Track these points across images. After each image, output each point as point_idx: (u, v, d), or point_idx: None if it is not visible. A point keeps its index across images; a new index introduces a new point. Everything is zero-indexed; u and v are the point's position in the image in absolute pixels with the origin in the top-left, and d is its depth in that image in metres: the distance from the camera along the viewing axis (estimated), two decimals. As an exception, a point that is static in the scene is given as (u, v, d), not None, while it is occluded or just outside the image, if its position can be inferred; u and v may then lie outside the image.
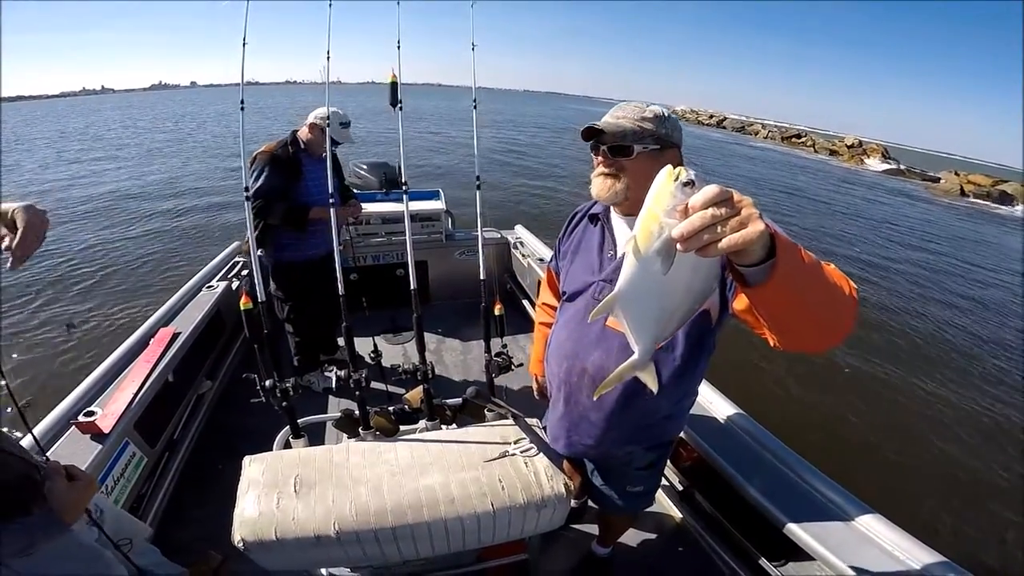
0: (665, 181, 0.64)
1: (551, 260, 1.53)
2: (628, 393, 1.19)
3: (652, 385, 0.87)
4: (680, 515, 2.07)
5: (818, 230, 11.32)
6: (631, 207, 1.14)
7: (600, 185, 1.11)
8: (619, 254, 1.14)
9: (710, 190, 0.58)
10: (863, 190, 21.23)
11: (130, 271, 6.73)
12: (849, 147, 37.14)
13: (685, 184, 0.61)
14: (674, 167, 0.64)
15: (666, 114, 1.10)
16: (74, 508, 1.09)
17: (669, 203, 0.63)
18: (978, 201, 23.19)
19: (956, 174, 27.46)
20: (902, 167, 31.58)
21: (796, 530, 1.45)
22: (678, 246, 0.60)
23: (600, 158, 1.11)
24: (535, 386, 1.68)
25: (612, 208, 1.20)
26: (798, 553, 1.50)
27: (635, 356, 0.82)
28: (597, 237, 1.23)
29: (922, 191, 24.51)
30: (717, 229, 0.58)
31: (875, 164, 33.34)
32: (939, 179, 27.50)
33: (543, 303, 1.62)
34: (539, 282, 3.28)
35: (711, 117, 66.58)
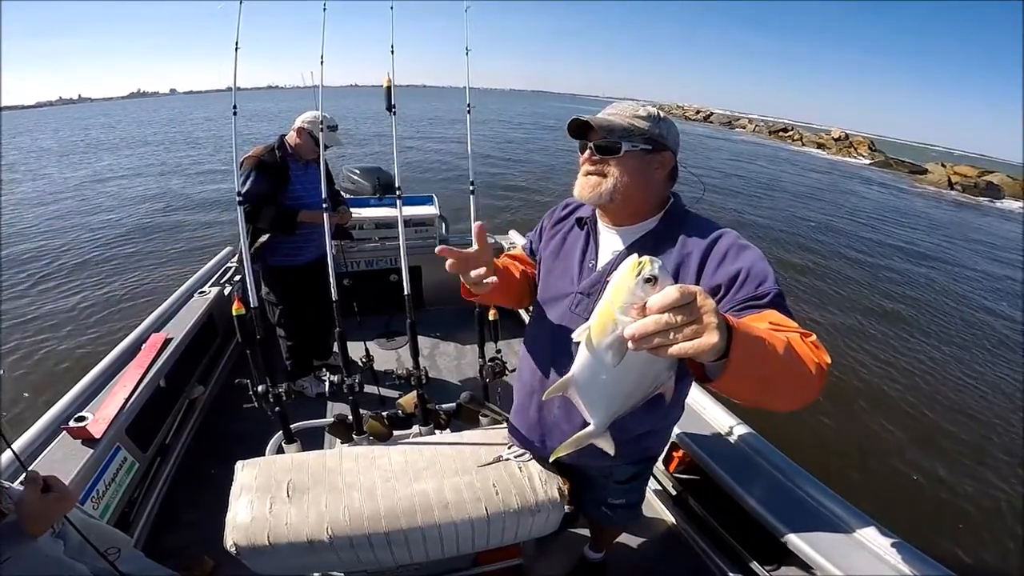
0: (627, 274, 0.62)
1: (529, 235, 1.39)
2: None
3: (609, 450, 0.88)
4: (673, 520, 2.08)
5: (806, 225, 11.37)
6: (617, 215, 1.10)
7: (583, 184, 1.04)
8: (600, 265, 1.11)
9: (669, 294, 0.57)
10: (852, 182, 21.40)
11: (122, 276, 6.68)
12: (836, 140, 37.28)
13: (647, 280, 0.60)
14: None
15: (661, 115, 1.03)
16: (41, 520, 1.07)
17: (627, 299, 0.62)
18: (966, 194, 23.16)
19: (943, 165, 27.46)
20: (889, 159, 31.50)
21: (790, 535, 1.46)
22: (629, 344, 0.59)
23: (586, 155, 1.04)
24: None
25: (599, 216, 1.15)
26: (791, 558, 1.51)
27: (591, 428, 0.83)
28: (580, 244, 1.17)
29: (911, 183, 24.63)
30: (670, 335, 0.57)
31: (862, 156, 33.34)
32: (926, 170, 27.48)
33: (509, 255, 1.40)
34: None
35: (697, 112, 67.26)
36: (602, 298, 0.67)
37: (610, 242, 1.12)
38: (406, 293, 1.90)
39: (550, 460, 1.01)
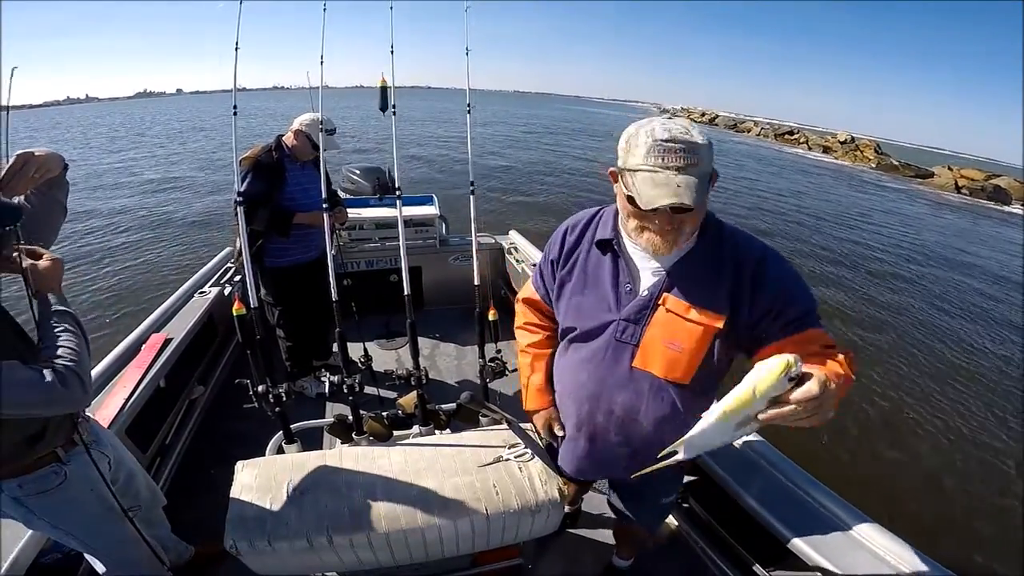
0: (777, 370, 0.72)
1: (536, 280, 1.35)
2: (657, 421, 1.13)
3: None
4: (675, 522, 2.07)
5: (818, 236, 11.31)
6: None
7: (660, 244, 0.98)
8: (643, 289, 1.07)
9: (811, 391, 0.71)
10: (860, 187, 21.26)
11: (122, 276, 6.68)
12: (842, 143, 36.33)
13: (791, 379, 0.72)
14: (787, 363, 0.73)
15: (710, 140, 0.93)
16: (53, 279, 1.13)
17: (771, 391, 0.72)
18: (973, 198, 22.88)
19: (949, 169, 26.96)
20: (895, 162, 30.63)
21: (790, 537, 1.45)
22: (759, 420, 0.73)
23: (664, 218, 0.95)
24: (539, 423, 1.37)
25: (626, 237, 1.09)
26: (793, 560, 1.50)
27: (681, 457, 0.91)
28: (609, 268, 1.11)
29: (918, 187, 24.46)
30: (797, 416, 0.71)
31: (868, 159, 32.51)
32: (932, 174, 27.05)
33: (528, 323, 1.41)
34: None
35: (703, 115, 67.12)
36: (744, 383, 0.76)
37: (647, 264, 1.08)
38: (406, 293, 1.90)
39: (632, 477, 1.06)
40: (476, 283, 2.07)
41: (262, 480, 1.34)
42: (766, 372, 0.73)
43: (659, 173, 0.89)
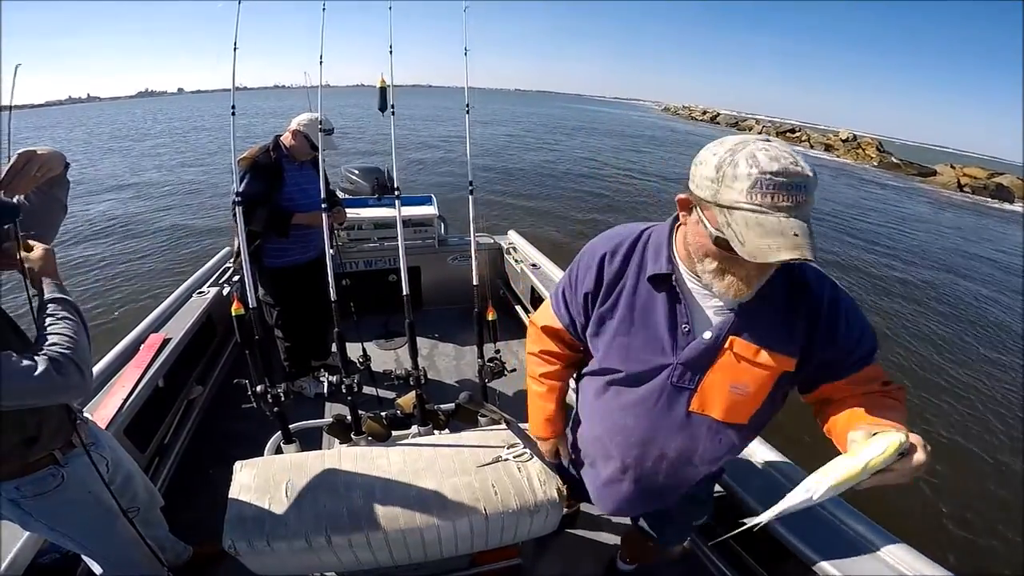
0: (891, 449, 0.73)
1: (558, 307, 1.16)
2: (711, 461, 1.09)
3: None
4: None
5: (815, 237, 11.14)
6: None
7: (744, 290, 0.86)
8: (708, 332, 0.95)
9: (919, 460, 0.74)
10: (861, 186, 21.09)
11: (121, 276, 6.68)
12: (844, 141, 35.93)
13: (901, 454, 0.74)
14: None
15: (813, 168, 0.76)
16: (47, 265, 1.11)
17: (881, 466, 0.74)
18: (976, 196, 22.70)
19: (952, 167, 26.63)
20: (897, 160, 30.19)
21: (797, 544, 1.42)
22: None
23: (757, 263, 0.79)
24: (545, 448, 1.36)
25: (686, 273, 0.96)
26: (793, 561, 1.48)
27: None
28: (664, 308, 0.97)
29: (920, 185, 24.27)
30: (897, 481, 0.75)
31: (870, 157, 31.95)
32: (935, 172, 26.77)
33: (544, 352, 1.24)
34: (531, 288, 3.28)
35: (704, 113, 67.09)
36: (852, 460, 0.75)
37: (708, 302, 0.96)
38: (405, 293, 1.90)
39: (721, 537, 1.11)
40: (475, 283, 2.07)
41: (261, 480, 1.34)
42: (880, 451, 0.74)
43: (768, 216, 0.73)
